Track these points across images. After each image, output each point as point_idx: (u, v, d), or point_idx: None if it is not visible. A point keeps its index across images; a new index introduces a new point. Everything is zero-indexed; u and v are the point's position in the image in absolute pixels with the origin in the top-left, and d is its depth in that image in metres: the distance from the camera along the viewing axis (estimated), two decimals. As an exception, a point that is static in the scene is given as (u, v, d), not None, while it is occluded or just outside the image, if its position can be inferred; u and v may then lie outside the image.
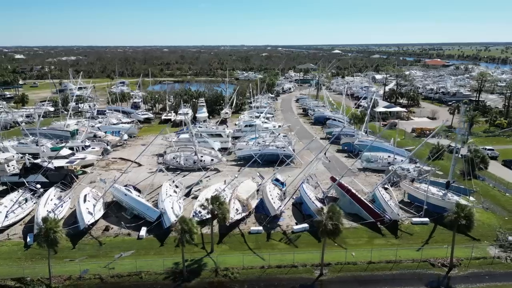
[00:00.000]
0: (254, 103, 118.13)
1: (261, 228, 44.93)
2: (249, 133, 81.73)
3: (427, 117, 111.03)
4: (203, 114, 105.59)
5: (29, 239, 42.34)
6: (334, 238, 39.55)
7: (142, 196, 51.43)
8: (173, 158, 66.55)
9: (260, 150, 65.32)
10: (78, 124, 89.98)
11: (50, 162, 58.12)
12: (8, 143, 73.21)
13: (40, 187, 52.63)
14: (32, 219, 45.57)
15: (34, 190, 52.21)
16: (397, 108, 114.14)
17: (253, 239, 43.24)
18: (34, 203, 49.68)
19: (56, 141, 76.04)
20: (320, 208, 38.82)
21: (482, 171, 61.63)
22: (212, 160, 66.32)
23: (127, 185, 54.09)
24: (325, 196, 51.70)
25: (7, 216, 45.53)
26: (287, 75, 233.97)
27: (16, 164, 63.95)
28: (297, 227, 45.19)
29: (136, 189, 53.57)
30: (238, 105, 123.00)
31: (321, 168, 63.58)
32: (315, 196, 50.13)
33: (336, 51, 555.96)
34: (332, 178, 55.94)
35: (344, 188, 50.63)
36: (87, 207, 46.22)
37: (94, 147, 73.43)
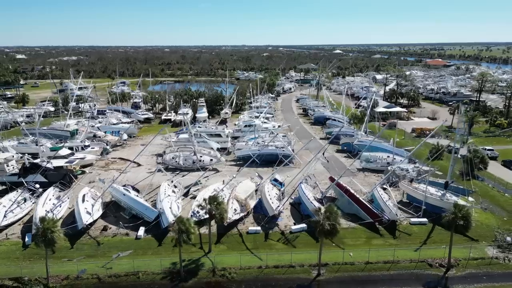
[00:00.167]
0: (254, 103, 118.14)
1: (259, 228, 44.92)
2: (248, 133, 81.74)
3: (428, 117, 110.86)
4: (203, 114, 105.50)
5: (27, 239, 42.42)
6: (331, 238, 39.63)
7: (141, 196, 51.55)
8: (172, 158, 66.58)
9: (259, 150, 65.36)
10: (78, 124, 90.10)
11: (49, 162, 58.25)
12: (7, 143, 73.32)
13: (39, 187, 52.77)
14: (31, 219, 45.64)
15: (33, 190, 52.30)
16: (397, 108, 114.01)
17: (251, 239, 43.26)
18: (33, 203, 49.76)
19: (56, 141, 76.18)
20: (317, 208, 38.84)
21: (481, 172, 61.52)
22: (211, 160, 66.35)
23: (125, 185, 54.15)
24: (323, 196, 51.61)
25: (5, 216, 45.60)
26: (287, 75, 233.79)
27: (16, 164, 64.04)
28: (295, 227, 45.17)
29: (135, 189, 53.63)
30: (238, 105, 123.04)
31: (320, 168, 63.60)
32: (314, 196, 50.10)
33: (338, 51, 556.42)
34: (331, 178, 55.94)
35: (343, 188, 50.66)
36: (85, 207, 46.25)
37: (94, 147, 73.50)
